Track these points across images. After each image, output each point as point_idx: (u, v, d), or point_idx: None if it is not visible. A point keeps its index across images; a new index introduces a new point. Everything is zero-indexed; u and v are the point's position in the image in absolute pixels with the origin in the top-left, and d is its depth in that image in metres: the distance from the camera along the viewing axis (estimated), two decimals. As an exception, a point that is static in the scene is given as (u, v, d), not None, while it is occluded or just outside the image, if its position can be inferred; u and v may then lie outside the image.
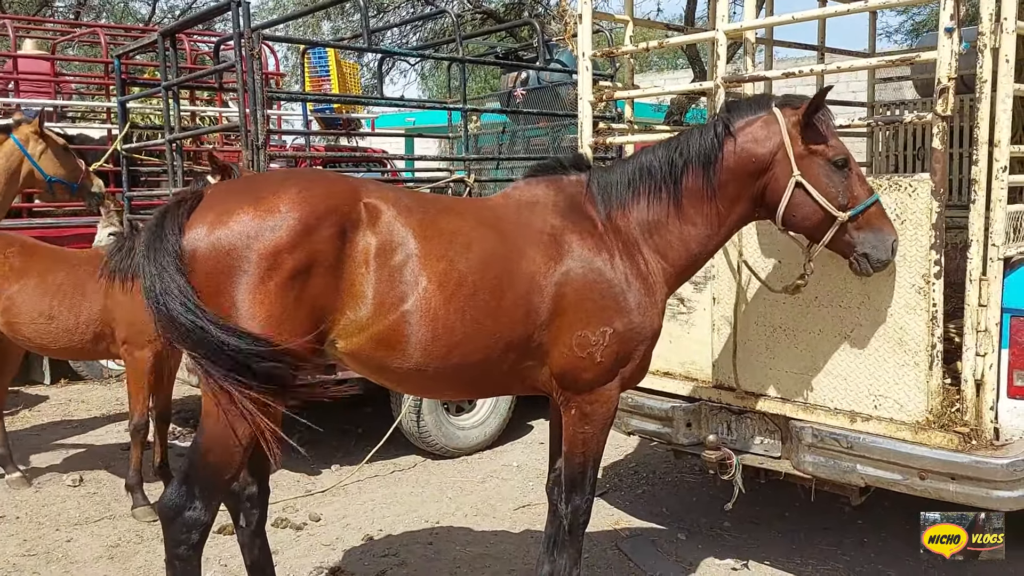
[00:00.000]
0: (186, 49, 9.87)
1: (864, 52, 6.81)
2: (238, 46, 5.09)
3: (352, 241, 2.96)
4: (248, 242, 2.82)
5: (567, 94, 8.67)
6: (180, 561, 2.97)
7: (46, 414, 7.39)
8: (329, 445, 6.41)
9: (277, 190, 2.95)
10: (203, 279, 2.83)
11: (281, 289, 2.82)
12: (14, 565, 4.42)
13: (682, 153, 3.34)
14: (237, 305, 2.81)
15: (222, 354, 2.76)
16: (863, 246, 3.26)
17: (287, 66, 17.68)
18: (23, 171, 5.55)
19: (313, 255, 2.87)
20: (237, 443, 2.92)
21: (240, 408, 2.81)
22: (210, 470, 2.96)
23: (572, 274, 3.22)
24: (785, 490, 4.52)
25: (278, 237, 2.83)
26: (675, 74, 21.99)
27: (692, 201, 3.34)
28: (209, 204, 2.94)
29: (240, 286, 2.81)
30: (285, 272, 2.82)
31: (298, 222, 2.86)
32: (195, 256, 2.84)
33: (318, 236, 2.88)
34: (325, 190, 3.00)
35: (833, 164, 3.24)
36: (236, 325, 2.79)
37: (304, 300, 2.87)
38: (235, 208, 2.88)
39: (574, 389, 3.34)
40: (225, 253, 2.82)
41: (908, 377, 3.50)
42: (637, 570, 4.32)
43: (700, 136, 3.34)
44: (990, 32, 3.31)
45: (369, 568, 4.34)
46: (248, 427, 2.87)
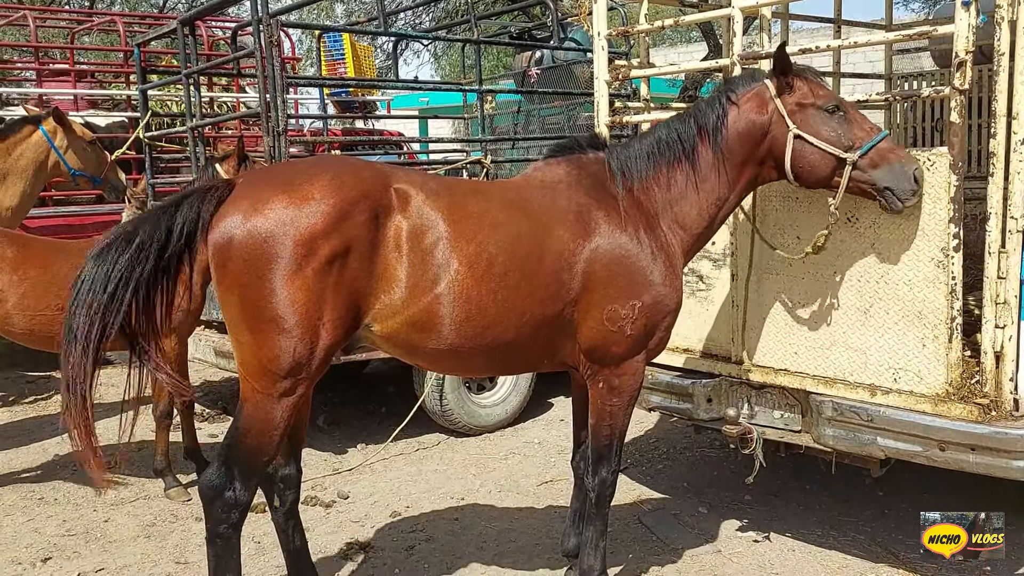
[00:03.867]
0: (203, 36, 9.92)
1: (881, 22, 6.78)
2: (257, 33, 5.13)
3: (384, 226, 3.03)
4: (285, 229, 2.88)
5: (581, 72, 8.66)
6: (221, 539, 3.09)
7: (79, 398, 7.51)
8: (353, 425, 6.52)
9: (310, 178, 3.01)
10: (240, 266, 2.90)
11: (318, 275, 2.90)
12: (55, 545, 4.55)
13: (694, 126, 3.48)
14: (276, 292, 2.88)
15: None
16: (883, 181, 3.33)
17: (301, 50, 17.71)
18: (49, 163, 5.61)
19: (348, 240, 2.94)
20: (274, 426, 3.02)
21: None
22: (248, 452, 3.07)
23: (601, 250, 3.31)
24: (805, 463, 4.57)
25: (314, 224, 2.90)
26: (688, 47, 21.83)
27: (706, 170, 3.48)
28: (242, 193, 3.02)
29: (278, 273, 2.88)
30: (322, 258, 2.89)
31: (333, 208, 2.93)
32: (231, 244, 2.91)
33: (352, 222, 2.95)
34: (356, 177, 3.07)
35: (825, 111, 3.37)
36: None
37: (341, 285, 2.95)
38: (270, 196, 2.95)
39: (603, 363, 3.43)
40: (263, 240, 2.88)
41: (928, 350, 3.54)
42: (660, 543, 4.39)
43: (708, 109, 3.49)
44: (1008, 4, 3.30)
45: (398, 543, 4.45)
46: (285, 410, 2.98)
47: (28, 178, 5.48)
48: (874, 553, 4.20)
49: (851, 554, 4.20)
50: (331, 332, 2.98)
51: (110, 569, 4.28)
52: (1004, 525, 3.45)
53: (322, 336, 2.96)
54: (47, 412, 6.89)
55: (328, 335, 2.97)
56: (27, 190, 5.53)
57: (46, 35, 12.64)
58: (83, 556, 4.42)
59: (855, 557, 4.17)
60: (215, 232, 2.95)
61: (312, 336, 2.94)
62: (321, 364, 3.04)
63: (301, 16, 13.96)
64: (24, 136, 5.49)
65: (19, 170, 5.50)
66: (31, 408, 7.21)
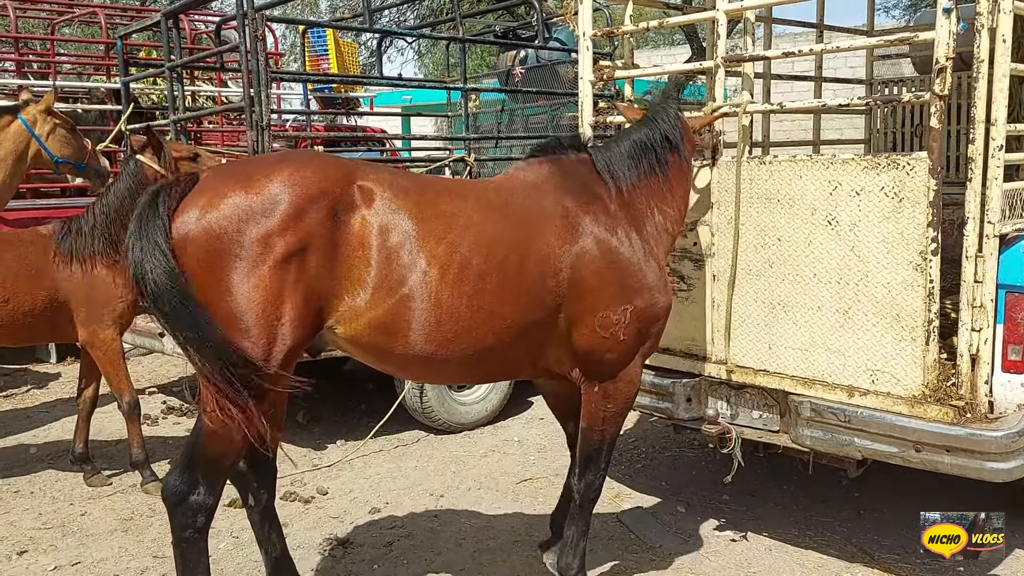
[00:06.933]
0: (185, 29, 9.86)
1: (863, 28, 6.85)
2: (242, 27, 5.11)
3: (346, 223, 2.92)
4: (239, 225, 2.79)
5: (565, 72, 8.69)
6: (187, 543, 3.02)
7: (55, 391, 7.48)
8: (332, 421, 6.51)
9: (269, 173, 2.91)
10: (195, 263, 2.80)
11: (275, 272, 2.79)
12: (31, 538, 4.51)
13: (664, 128, 3.61)
14: (232, 290, 2.78)
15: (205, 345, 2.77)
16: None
17: (284, 45, 17.62)
18: (30, 152, 5.55)
19: (305, 238, 2.83)
20: (237, 429, 2.90)
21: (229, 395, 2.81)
22: (211, 456, 2.98)
23: (590, 255, 3.25)
24: (783, 463, 4.61)
25: (268, 220, 2.80)
26: (672, 50, 21.90)
27: (675, 168, 3.62)
28: (202, 188, 2.91)
29: (234, 270, 2.78)
30: (278, 255, 2.79)
31: (288, 204, 2.83)
32: (187, 239, 2.80)
33: (309, 218, 2.84)
34: (318, 172, 2.96)
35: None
36: (219, 330, 2.77)
37: (300, 284, 2.83)
38: (226, 191, 2.85)
39: (598, 370, 3.38)
40: (216, 236, 2.78)
41: (905, 352, 3.58)
42: (638, 541, 4.41)
43: (666, 113, 3.67)
44: (988, 12, 3.35)
45: (377, 540, 4.44)
46: (247, 414, 2.86)
47: (6, 168, 5.41)
48: (849, 553, 4.24)
49: (827, 554, 4.24)
50: (291, 333, 2.85)
51: (87, 563, 4.25)
52: (1004, 525, 3.47)
53: (281, 337, 2.83)
54: (23, 405, 6.82)
55: (288, 336, 2.85)
56: (6, 180, 5.46)
57: (26, 26, 12.47)
58: (59, 549, 4.39)
59: (831, 557, 4.21)
60: (173, 228, 2.83)
61: (270, 337, 2.82)
62: (283, 365, 2.90)
63: (285, 11, 13.89)
64: (2, 126, 5.42)
65: (-4, 159, 5.44)
66: (6, 401, 7.14)
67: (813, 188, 3.78)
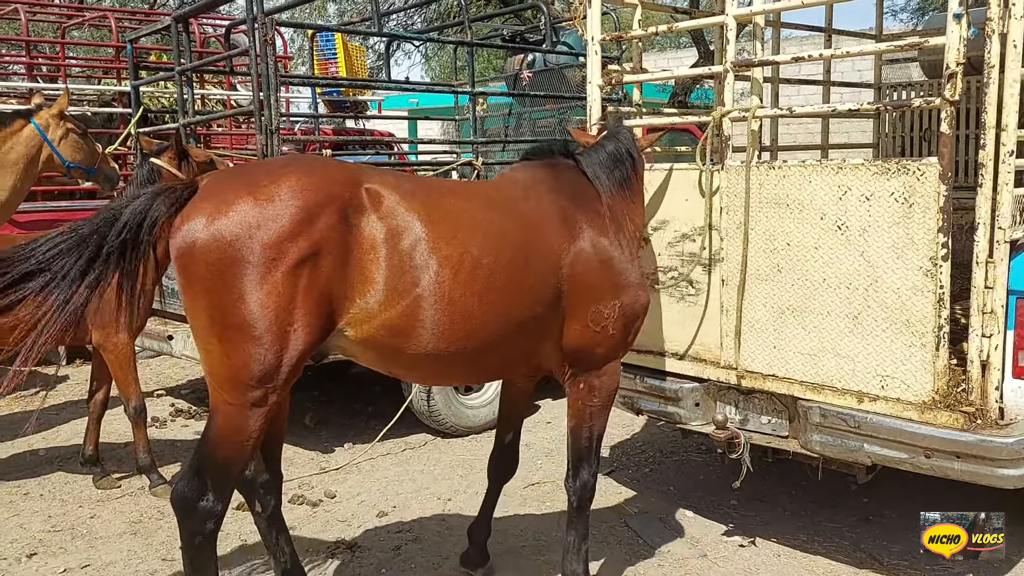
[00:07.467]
0: (195, 33, 9.90)
1: (871, 32, 6.83)
2: (251, 31, 5.13)
3: (357, 227, 2.92)
4: (250, 232, 2.76)
5: (573, 76, 8.69)
6: (196, 548, 3.01)
7: (64, 394, 7.51)
8: (340, 424, 6.52)
9: (276, 178, 2.89)
10: (205, 272, 2.77)
11: (288, 279, 2.77)
12: (40, 540, 4.53)
13: (626, 144, 3.81)
14: (244, 297, 2.75)
15: None
16: None
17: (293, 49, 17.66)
18: (42, 156, 5.57)
19: (317, 242, 2.82)
20: (247, 436, 2.91)
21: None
22: (221, 462, 2.96)
23: (587, 253, 3.41)
24: (792, 468, 4.60)
25: (280, 226, 2.78)
26: (678, 53, 21.93)
27: (636, 181, 3.83)
28: (206, 194, 2.89)
29: (246, 277, 2.75)
30: (291, 261, 2.77)
31: (299, 210, 2.81)
32: (195, 248, 2.77)
33: (321, 223, 2.83)
34: (325, 176, 2.95)
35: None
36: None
37: (313, 289, 2.82)
38: (234, 198, 2.82)
39: (587, 364, 3.52)
40: (227, 244, 2.75)
41: (915, 358, 3.57)
42: (645, 546, 4.41)
43: (624, 133, 3.88)
44: (998, 17, 3.34)
45: (384, 543, 4.45)
46: (257, 419, 2.88)
47: (18, 172, 5.42)
48: (858, 559, 4.23)
49: (836, 559, 4.23)
50: (303, 338, 2.84)
51: (96, 565, 4.26)
52: (1004, 525, 3.47)
53: (293, 342, 2.82)
54: (33, 407, 6.84)
55: (300, 341, 2.84)
56: (17, 184, 5.47)
57: (36, 29, 12.54)
58: (69, 552, 4.40)
59: (840, 562, 4.20)
60: (178, 236, 2.81)
61: (283, 343, 2.81)
62: (293, 371, 2.90)
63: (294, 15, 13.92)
64: (15, 130, 5.44)
65: (8, 164, 5.45)
66: (16, 403, 7.17)
67: (823, 193, 3.77)
